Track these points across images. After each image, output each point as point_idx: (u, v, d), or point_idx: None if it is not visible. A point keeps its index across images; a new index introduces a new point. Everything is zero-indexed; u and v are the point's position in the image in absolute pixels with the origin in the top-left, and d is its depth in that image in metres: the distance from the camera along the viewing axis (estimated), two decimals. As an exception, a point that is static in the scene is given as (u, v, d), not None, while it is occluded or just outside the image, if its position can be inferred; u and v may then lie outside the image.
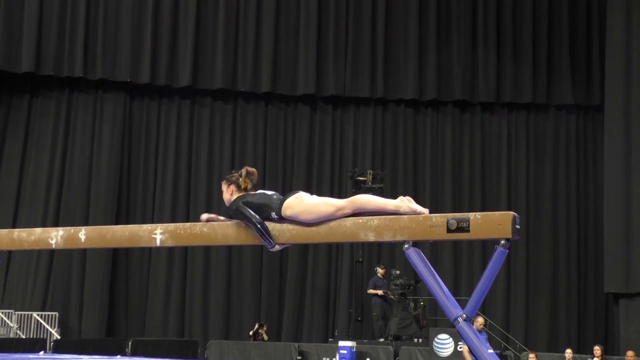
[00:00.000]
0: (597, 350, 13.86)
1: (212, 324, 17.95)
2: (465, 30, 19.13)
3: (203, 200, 18.32)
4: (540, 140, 19.37)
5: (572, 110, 19.37)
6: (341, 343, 14.59)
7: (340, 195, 18.81)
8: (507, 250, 4.48)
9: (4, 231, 6.03)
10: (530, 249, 18.73)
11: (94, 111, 18.11)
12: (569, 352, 13.99)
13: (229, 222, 5.18)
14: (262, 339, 16.75)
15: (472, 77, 19.05)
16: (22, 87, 17.95)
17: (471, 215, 4.55)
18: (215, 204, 18.39)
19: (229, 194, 5.12)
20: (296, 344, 15.71)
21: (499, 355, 4.67)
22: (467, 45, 19.09)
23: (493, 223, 4.45)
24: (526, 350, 15.20)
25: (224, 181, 5.18)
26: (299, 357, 15.09)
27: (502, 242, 4.42)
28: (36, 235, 5.72)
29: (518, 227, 4.44)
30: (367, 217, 4.85)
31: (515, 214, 4.46)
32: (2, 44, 16.77)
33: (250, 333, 17.00)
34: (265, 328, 17.04)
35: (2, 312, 16.31)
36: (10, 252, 14.85)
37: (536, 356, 14.02)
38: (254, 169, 5.18)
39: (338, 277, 18.57)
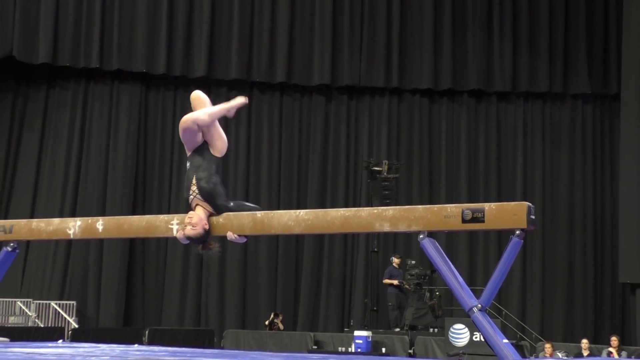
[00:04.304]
0: (614, 340, 13.82)
1: (228, 314, 18.04)
2: (481, 19, 19.04)
3: (219, 191, 18.34)
4: (556, 130, 19.27)
5: (588, 100, 19.25)
6: (357, 333, 14.64)
7: (356, 189, 18.87)
8: (522, 241, 4.49)
9: (23, 221, 6.10)
10: (546, 239, 18.67)
11: (110, 102, 18.21)
12: (585, 342, 13.95)
13: (245, 213, 5.22)
14: (278, 329, 16.82)
15: (488, 66, 18.96)
16: (39, 78, 18.07)
17: (486, 205, 4.57)
18: (230, 193, 18.43)
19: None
20: (312, 334, 15.76)
21: (515, 346, 4.66)
22: (482, 34, 19.00)
23: (508, 213, 4.46)
24: (542, 341, 15.18)
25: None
26: (315, 347, 15.15)
27: (517, 232, 4.43)
28: (54, 226, 5.78)
29: (533, 217, 4.45)
30: (382, 208, 4.88)
31: (530, 204, 4.46)
32: (20, 35, 16.87)
33: (266, 323, 17.07)
34: (281, 318, 17.11)
35: (21, 301, 16.46)
36: (28, 242, 14.99)
37: (552, 346, 13.99)
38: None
39: (353, 267, 18.61)
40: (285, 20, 18.48)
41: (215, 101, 18.84)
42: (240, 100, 5.60)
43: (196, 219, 5.12)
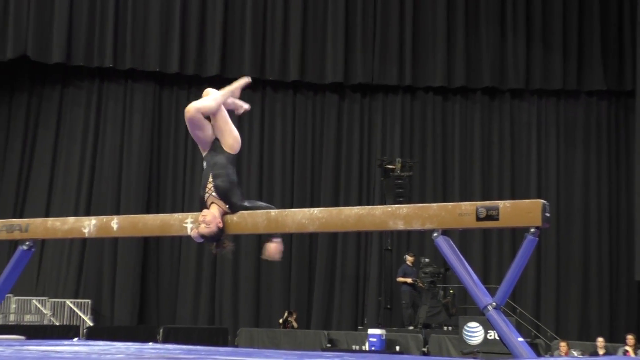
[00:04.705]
0: (630, 339, 13.72)
1: (242, 312, 18.07)
2: (494, 16, 18.96)
3: (232, 189, 18.39)
4: (570, 127, 19.17)
5: (603, 96, 19.13)
6: (371, 331, 14.62)
7: (369, 187, 18.86)
8: (537, 239, 4.46)
9: (38, 220, 6.13)
10: (561, 237, 18.58)
11: (124, 101, 18.28)
12: (600, 341, 13.86)
13: (259, 212, 5.22)
14: (292, 327, 16.83)
15: (501, 63, 18.89)
16: (53, 78, 18.16)
17: (500, 203, 4.55)
18: (243, 190, 18.48)
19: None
20: (326, 332, 15.76)
21: (530, 344, 4.64)
22: (496, 31, 18.92)
23: (522, 211, 4.44)
24: (557, 339, 15.10)
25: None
26: (329, 345, 15.14)
27: (532, 230, 4.41)
28: (70, 224, 5.81)
29: (548, 215, 4.43)
30: (396, 206, 4.87)
31: (545, 202, 4.45)
32: (34, 35, 16.96)
33: (280, 321, 17.09)
34: (294, 316, 17.12)
35: (37, 300, 16.56)
36: (43, 241, 15.06)
37: (567, 344, 13.91)
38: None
39: (367, 265, 18.59)
40: (298, 18, 18.48)
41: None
42: (243, 81, 5.59)
43: (210, 217, 5.12)
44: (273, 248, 5.22)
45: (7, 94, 18.19)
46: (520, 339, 4.49)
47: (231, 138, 5.30)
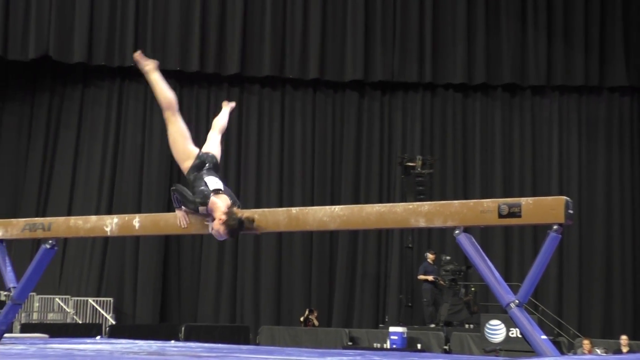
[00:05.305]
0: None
1: (263, 310, 18.10)
2: (515, 11, 18.84)
3: (253, 187, 18.45)
4: (592, 124, 19.01)
5: (625, 92, 18.95)
6: (392, 329, 14.60)
7: (389, 185, 18.81)
8: (560, 236, 4.42)
9: (61, 219, 6.17)
10: (583, 234, 18.44)
11: (144, 100, 18.35)
12: (624, 339, 13.74)
13: (279, 209, 5.22)
14: (313, 325, 16.83)
15: (522, 60, 18.76)
16: (74, 77, 18.28)
17: (523, 200, 4.52)
18: (264, 190, 18.52)
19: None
20: (347, 330, 15.75)
21: (552, 342, 4.61)
22: (516, 27, 18.80)
23: (545, 208, 4.41)
24: (580, 337, 15.00)
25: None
26: (350, 343, 15.13)
27: (555, 227, 4.37)
28: (92, 223, 5.84)
29: (571, 212, 4.39)
30: (417, 203, 4.85)
31: (567, 198, 4.40)
32: (55, 35, 17.08)
33: (301, 319, 17.10)
34: (315, 314, 17.12)
35: (60, 298, 16.68)
36: (65, 240, 15.18)
37: (590, 342, 13.81)
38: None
39: (388, 263, 18.56)
40: (318, 16, 18.47)
41: (248, 98, 18.76)
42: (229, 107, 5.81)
43: (218, 212, 5.07)
44: (217, 228, 5.13)
45: (29, 93, 18.35)
46: (544, 336, 4.46)
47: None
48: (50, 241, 5.87)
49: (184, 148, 5.43)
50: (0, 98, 18.24)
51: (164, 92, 5.60)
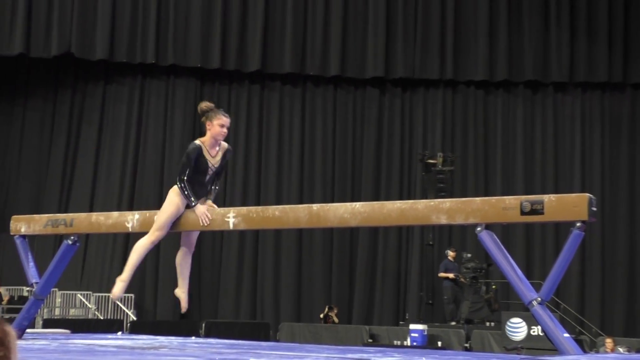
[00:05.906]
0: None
1: (284, 307, 18.12)
2: (537, 8, 18.70)
3: (273, 183, 18.47)
4: (615, 121, 18.84)
5: (649, 89, 18.77)
6: (412, 326, 14.55)
7: (410, 182, 18.73)
8: (583, 233, 4.38)
9: (83, 215, 6.20)
10: (606, 231, 18.29)
11: (166, 97, 18.43)
12: (646, 337, 13.62)
13: (300, 206, 5.20)
14: (333, 322, 16.83)
15: (544, 56, 18.62)
16: (96, 74, 18.39)
17: (545, 197, 4.47)
18: (285, 185, 18.53)
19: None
20: (367, 327, 15.73)
21: (574, 340, 4.57)
22: (539, 24, 18.66)
23: (568, 205, 4.36)
24: (602, 335, 14.88)
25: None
26: (370, 340, 15.11)
27: (578, 224, 4.32)
28: (113, 219, 5.85)
29: (594, 209, 4.34)
30: (439, 200, 4.81)
31: (591, 195, 4.35)
32: (77, 32, 17.19)
33: (321, 316, 17.09)
34: (335, 311, 17.11)
35: (81, 294, 16.80)
36: (87, 236, 15.27)
37: (613, 341, 13.69)
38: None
39: (408, 260, 18.51)
40: (339, 13, 18.44)
41: (269, 95, 18.77)
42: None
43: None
44: (197, 215, 5.29)
45: (52, 90, 18.48)
46: (566, 334, 4.42)
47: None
48: (72, 237, 5.89)
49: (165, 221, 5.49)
50: (23, 95, 18.40)
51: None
